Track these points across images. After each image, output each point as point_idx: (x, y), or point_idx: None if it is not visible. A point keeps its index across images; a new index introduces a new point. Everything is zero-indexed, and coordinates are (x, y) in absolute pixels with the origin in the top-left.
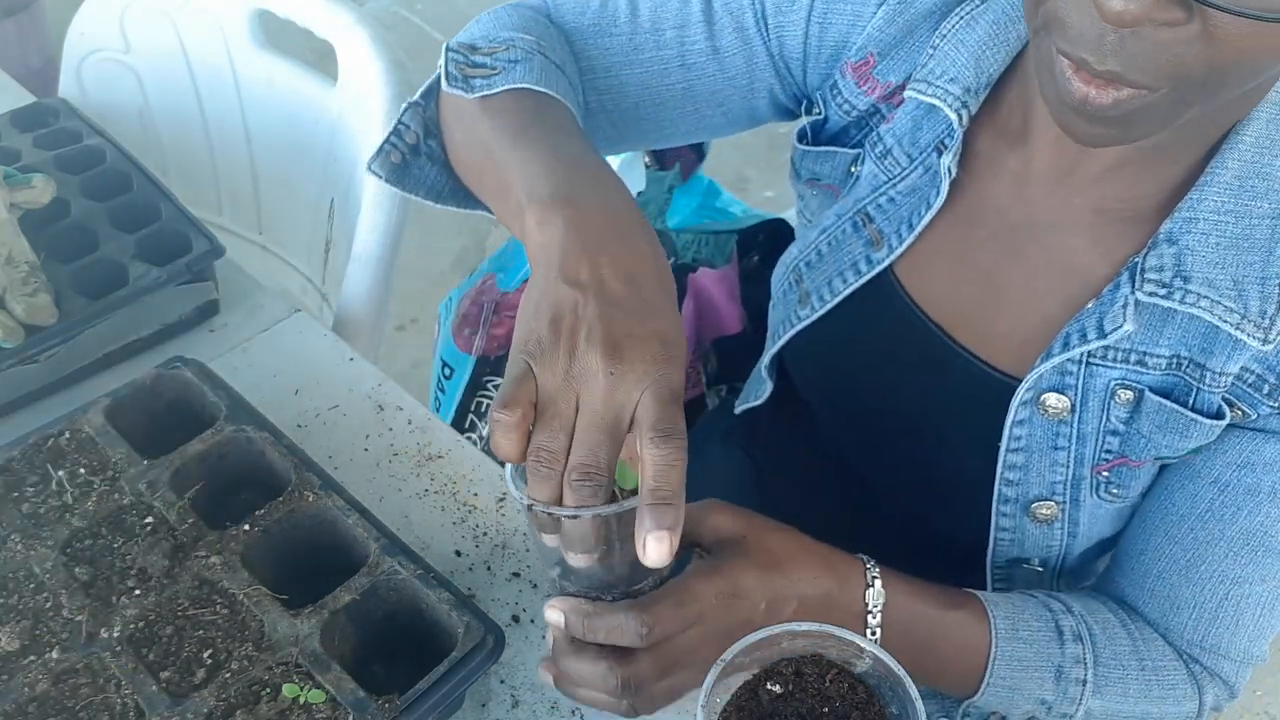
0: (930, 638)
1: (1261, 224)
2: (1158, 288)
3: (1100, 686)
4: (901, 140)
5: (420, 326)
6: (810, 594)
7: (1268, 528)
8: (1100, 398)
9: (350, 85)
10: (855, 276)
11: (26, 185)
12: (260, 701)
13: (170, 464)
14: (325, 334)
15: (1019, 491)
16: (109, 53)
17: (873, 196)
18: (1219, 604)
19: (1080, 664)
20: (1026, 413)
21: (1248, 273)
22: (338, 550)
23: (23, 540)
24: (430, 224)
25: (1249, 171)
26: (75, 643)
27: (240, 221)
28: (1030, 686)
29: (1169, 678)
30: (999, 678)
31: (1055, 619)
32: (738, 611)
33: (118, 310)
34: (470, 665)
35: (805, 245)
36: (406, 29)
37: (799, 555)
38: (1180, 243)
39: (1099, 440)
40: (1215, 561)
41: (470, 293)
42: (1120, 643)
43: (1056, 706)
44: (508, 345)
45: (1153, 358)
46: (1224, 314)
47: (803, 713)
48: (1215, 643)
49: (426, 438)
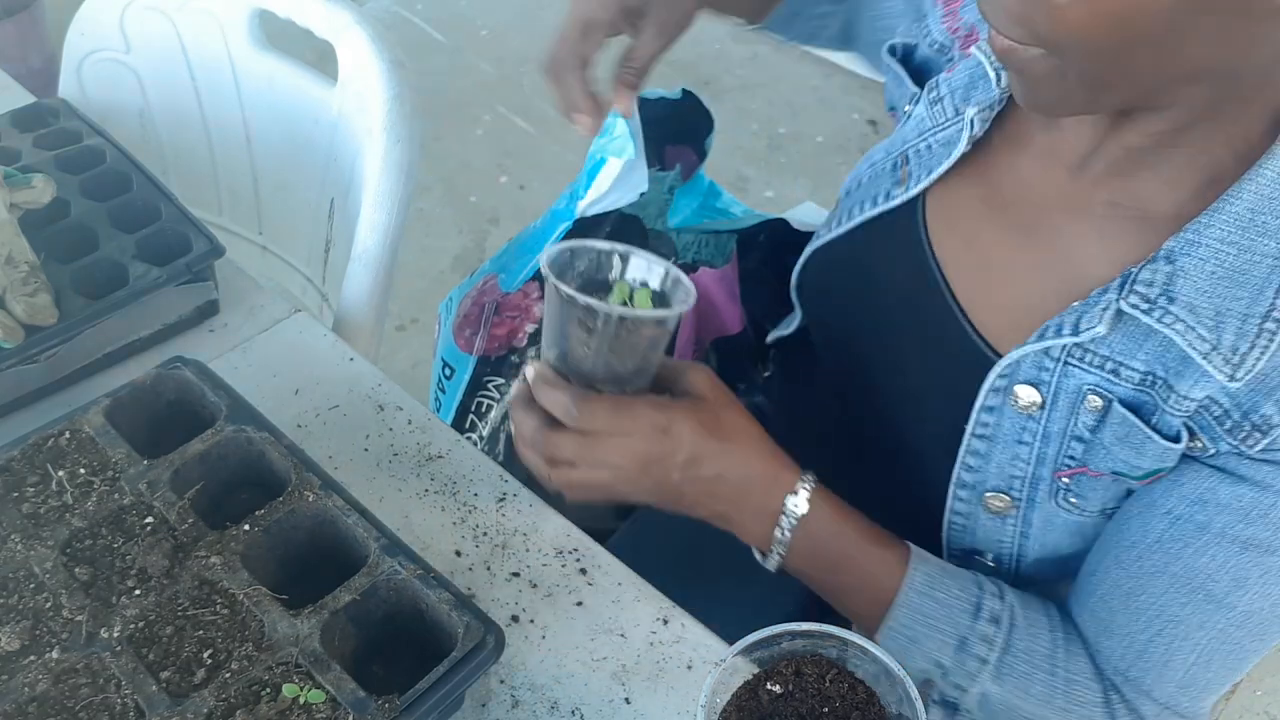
0: (839, 561)
1: (1262, 262)
2: (1141, 301)
3: (1002, 674)
4: (955, 92)
5: (420, 326)
6: (732, 474)
7: (1211, 571)
8: (1071, 400)
9: (350, 85)
10: (873, 206)
11: (26, 185)
12: (260, 701)
13: (170, 464)
14: (325, 334)
15: (977, 478)
16: (109, 53)
17: (916, 140)
18: (1150, 639)
19: (986, 643)
20: (997, 400)
21: (1232, 306)
22: (338, 550)
23: (23, 540)
24: (430, 224)
25: (1263, 207)
26: (75, 643)
27: (240, 221)
28: (929, 645)
29: (1079, 693)
30: (900, 624)
31: (980, 597)
32: (660, 446)
33: (118, 310)
34: (470, 665)
35: (856, 173)
36: (406, 29)
37: (742, 437)
38: (1177, 263)
39: (1064, 444)
40: (1155, 594)
41: (471, 293)
42: (1039, 642)
43: (951, 674)
44: (508, 345)
45: (1127, 370)
46: (1195, 341)
47: (803, 713)
48: (1140, 677)
49: (426, 438)
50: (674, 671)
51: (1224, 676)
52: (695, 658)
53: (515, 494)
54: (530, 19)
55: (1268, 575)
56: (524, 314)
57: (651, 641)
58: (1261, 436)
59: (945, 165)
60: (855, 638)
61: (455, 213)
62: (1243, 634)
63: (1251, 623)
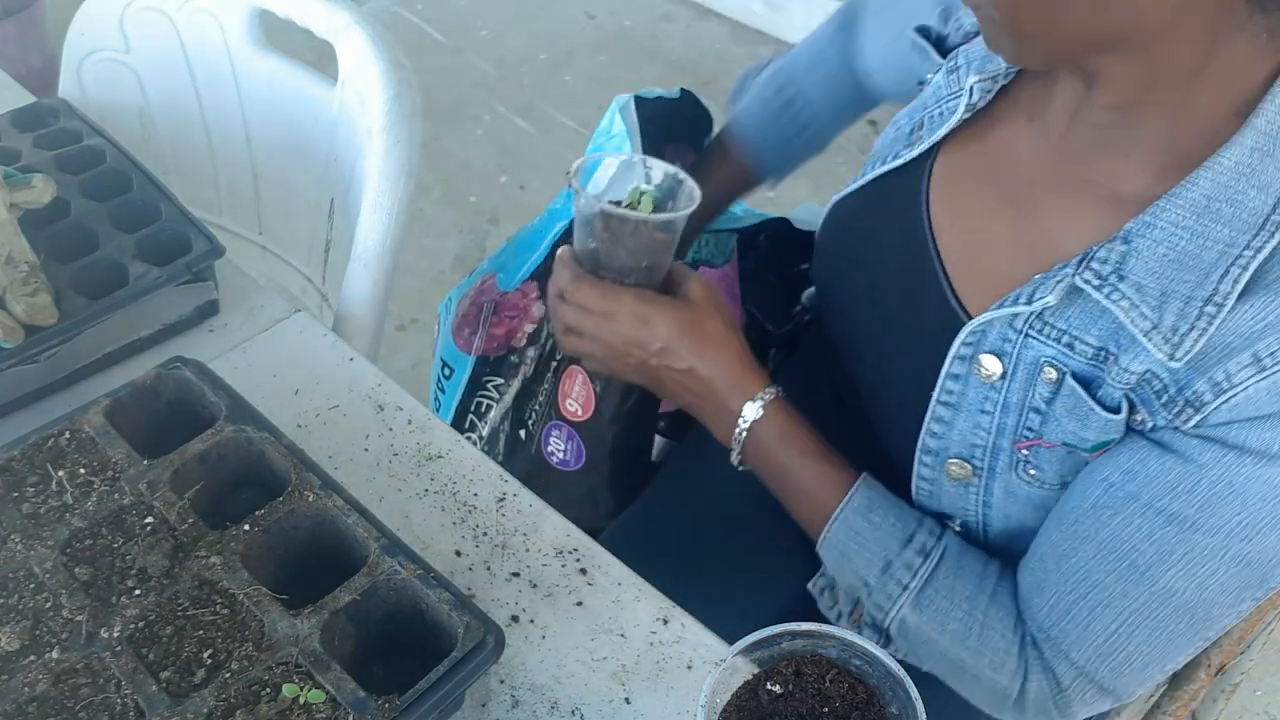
0: (786, 469)
1: (1212, 248)
2: (1094, 277)
3: (921, 604)
4: (972, 63)
5: (420, 326)
6: (703, 371)
7: (1136, 541)
8: (1029, 370)
9: (350, 85)
10: (883, 164)
11: (26, 185)
12: (260, 701)
13: (170, 464)
14: (325, 334)
15: (941, 445)
16: (109, 53)
17: (933, 106)
18: (1075, 601)
19: (909, 571)
20: (963, 369)
21: (1178, 289)
22: (338, 550)
23: (23, 540)
24: (430, 224)
25: (1220, 195)
26: (75, 643)
27: (240, 221)
28: (859, 563)
29: (992, 639)
30: (835, 538)
31: (914, 529)
32: (638, 332)
33: (118, 310)
34: (470, 665)
35: (883, 137)
36: (406, 29)
37: (718, 341)
38: (1132, 244)
39: (1022, 415)
40: (1084, 559)
41: (470, 293)
42: (964, 583)
43: (875, 594)
44: (507, 345)
45: (1081, 344)
46: (1137, 319)
47: (803, 713)
48: (1060, 637)
49: (426, 438)
50: (674, 671)
51: (1147, 655)
52: (695, 658)
53: (515, 494)
54: (530, 19)
55: (1191, 554)
56: (523, 314)
57: (651, 641)
58: (1194, 413)
59: (943, 130)
60: (855, 638)
61: (455, 213)
62: (1166, 611)
63: (1175, 601)
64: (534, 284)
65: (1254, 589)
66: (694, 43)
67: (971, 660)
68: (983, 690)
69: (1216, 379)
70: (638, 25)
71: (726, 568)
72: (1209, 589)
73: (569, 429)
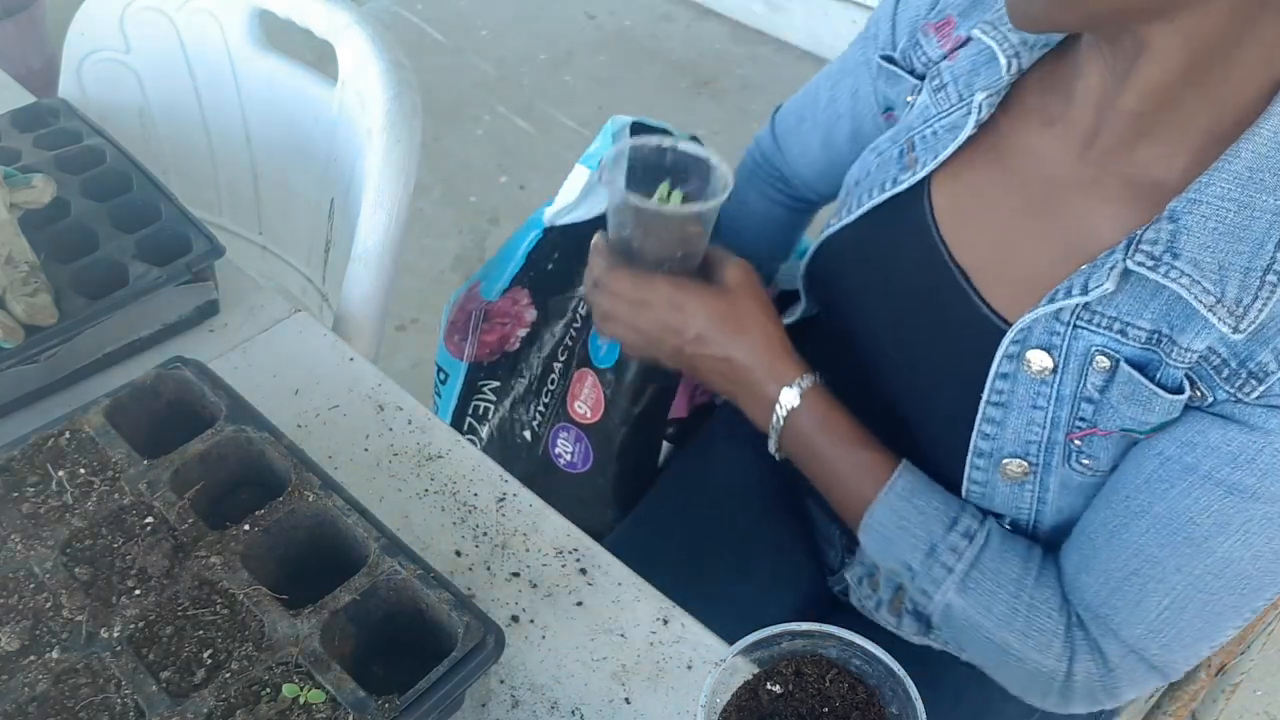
0: (825, 456)
1: (1262, 217)
2: (1146, 259)
3: (966, 586)
4: (958, 79)
5: (420, 326)
6: (738, 359)
7: (1194, 514)
8: (1080, 361)
9: (350, 85)
10: (881, 192)
11: (26, 185)
12: (260, 701)
13: (170, 464)
14: (325, 334)
15: (994, 446)
16: (109, 53)
17: (921, 127)
18: (1126, 577)
19: (955, 554)
20: (1011, 367)
21: (1235, 261)
22: (338, 550)
23: (23, 540)
24: (430, 224)
25: (1261, 165)
26: (75, 643)
27: (240, 221)
28: (901, 546)
29: (1039, 620)
30: (878, 521)
31: (957, 513)
32: (673, 319)
33: (118, 310)
34: (470, 665)
35: (863, 163)
36: (406, 29)
37: (754, 329)
38: (1180, 221)
39: (1075, 405)
40: (1137, 534)
41: (459, 300)
42: (1009, 566)
43: (919, 579)
44: (499, 351)
45: (1134, 329)
46: (1200, 294)
47: (803, 713)
48: (1110, 614)
49: (426, 438)
50: (674, 671)
51: (1198, 630)
52: (695, 658)
53: (515, 494)
54: (530, 19)
55: (1250, 523)
56: (515, 320)
57: (651, 641)
58: (1258, 384)
59: (953, 147)
60: (856, 638)
61: (455, 213)
62: (1220, 584)
63: (1229, 572)
64: (524, 291)
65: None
66: (694, 43)
67: (1018, 643)
68: (1027, 675)
69: (1279, 347)
70: (638, 25)
71: (729, 571)
72: (1264, 557)
73: (578, 431)
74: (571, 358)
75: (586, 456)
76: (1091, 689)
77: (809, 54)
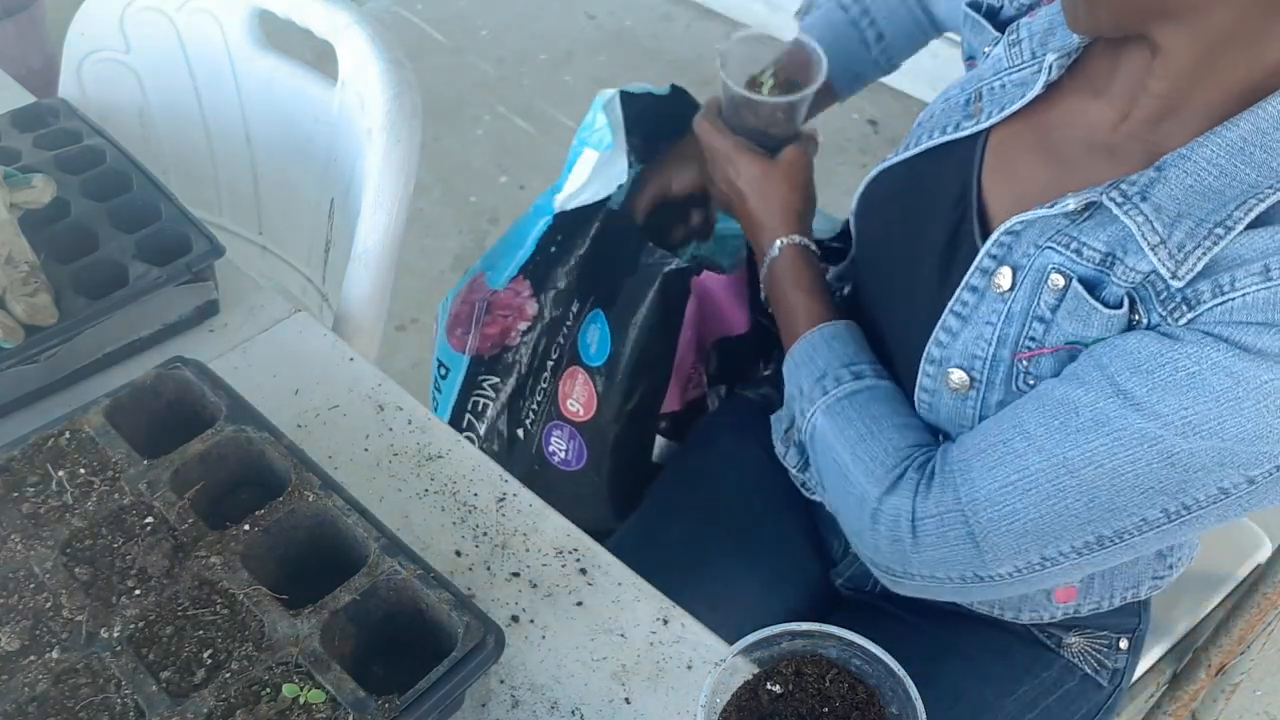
0: (786, 298)
1: (1236, 186)
2: (1119, 196)
3: (833, 410)
4: (1034, 36)
5: (420, 326)
6: (759, 210)
7: (1078, 405)
8: (1036, 278)
9: (350, 85)
10: (941, 134)
11: (26, 185)
12: (260, 701)
13: (170, 464)
14: (325, 334)
15: (944, 354)
16: (109, 53)
17: (991, 78)
18: (994, 443)
19: (837, 382)
20: (982, 281)
21: (1192, 212)
22: (338, 550)
23: (23, 540)
24: (430, 224)
25: (1255, 140)
26: (75, 643)
27: (240, 221)
28: (803, 372)
29: (876, 450)
30: (797, 353)
31: (860, 361)
32: (727, 172)
33: (118, 310)
34: (470, 665)
35: (930, 108)
36: (406, 29)
37: (777, 195)
38: (1163, 172)
39: (1025, 324)
40: (1024, 410)
41: (462, 292)
42: (878, 407)
43: (803, 398)
44: (501, 344)
45: (1089, 249)
46: (1148, 233)
47: (803, 713)
48: (961, 469)
49: (426, 438)
50: (674, 671)
51: (1030, 523)
52: (695, 658)
53: (515, 494)
54: (530, 19)
55: (1122, 434)
56: (516, 313)
57: (651, 641)
58: (1189, 310)
59: (1020, 103)
60: (856, 638)
61: (455, 213)
62: (1071, 482)
63: (1084, 475)
64: (525, 282)
65: (1169, 495)
66: (694, 43)
67: (853, 464)
68: (854, 500)
69: (1220, 282)
70: (638, 25)
71: (732, 568)
72: (1123, 475)
73: (571, 429)
74: (562, 356)
75: (580, 454)
76: (897, 528)
77: None
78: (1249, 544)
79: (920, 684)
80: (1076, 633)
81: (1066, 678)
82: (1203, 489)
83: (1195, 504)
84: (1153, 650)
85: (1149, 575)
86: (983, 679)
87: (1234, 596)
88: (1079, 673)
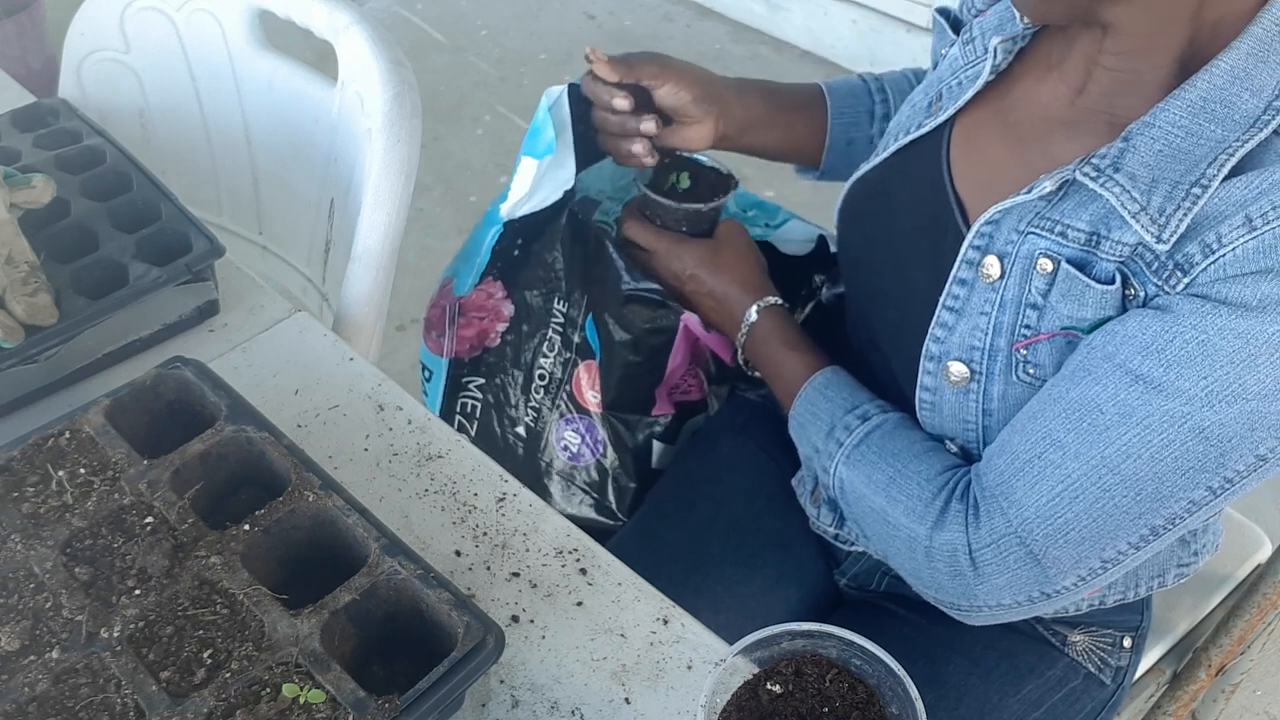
0: (772, 359)
1: (1204, 144)
2: (1092, 170)
3: (853, 459)
4: (986, 32)
5: (420, 326)
6: (719, 291)
7: (1100, 402)
8: (1025, 265)
9: (350, 85)
10: (905, 136)
11: (26, 185)
12: (260, 701)
13: (170, 464)
14: (325, 334)
15: (942, 349)
16: (109, 53)
17: (949, 78)
18: (1030, 460)
19: (848, 431)
20: (969, 273)
21: (1168, 176)
22: (338, 550)
23: (23, 540)
24: (430, 224)
25: (1214, 97)
26: (75, 643)
27: (240, 221)
28: (811, 430)
29: (910, 487)
30: (797, 412)
31: (860, 402)
32: (673, 266)
33: (118, 310)
34: (470, 665)
35: (898, 115)
36: (406, 29)
37: (733, 267)
38: (1130, 141)
39: (1019, 312)
40: (1049, 419)
41: (434, 296)
42: (895, 443)
43: (821, 455)
44: (480, 345)
45: (1073, 230)
46: (1126, 201)
47: (803, 713)
48: (1005, 493)
49: (426, 438)
50: (674, 671)
51: (1086, 528)
52: (695, 658)
53: (515, 494)
54: (530, 19)
55: (1151, 419)
56: (493, 314)
57: (651, 641)
58: (1183, 275)
59: (971, 91)
60: (856, 638)
61: (455, 213)
62: (1114, 480)
63: (1126, 469)
64: (497, 284)
65: (1210, 472)
66: (694, 43)
67: (891, 508)
68: (903, 544)
69: (1207, 240)
70: (638, 25)
71: (734, 567)
72: (1162, 461)
73: (589, 420)
74: (570, 349)
75: (597, 444)
76: (955, 561)
77: (809, 54)
78: (1249, 544)
79: (924, 684)
80: (1080, 631)
81: (1071, 676)
82: (1241, 459)
83: (1237, 475)
84: (1153, 650)
85: (1174, 564)
86: (987, 678)
87: (1234, 596)
88: (1083, 671)
